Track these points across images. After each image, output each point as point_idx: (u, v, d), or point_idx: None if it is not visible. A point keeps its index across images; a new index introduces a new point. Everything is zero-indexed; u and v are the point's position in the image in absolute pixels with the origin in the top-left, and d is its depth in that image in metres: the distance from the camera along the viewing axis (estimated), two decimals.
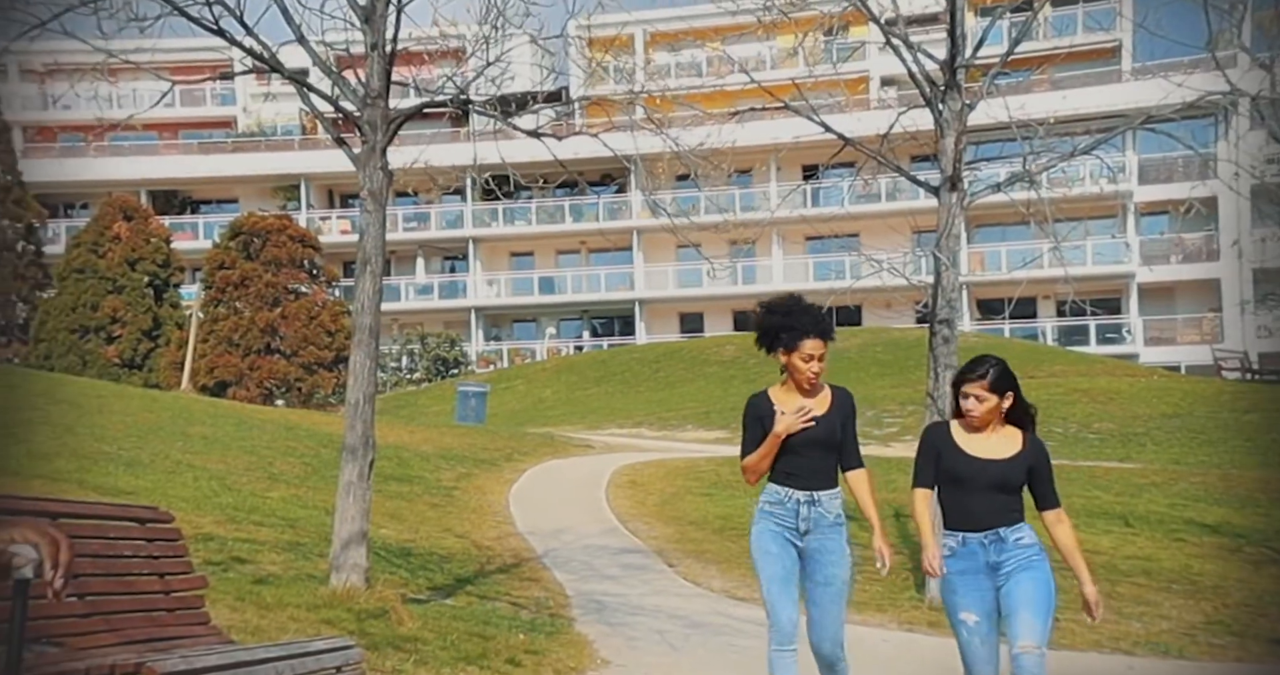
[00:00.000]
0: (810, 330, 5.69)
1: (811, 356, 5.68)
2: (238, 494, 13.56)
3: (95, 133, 49.02)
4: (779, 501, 5.75)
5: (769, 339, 5.82)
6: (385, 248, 9.65)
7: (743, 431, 5.90)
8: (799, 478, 5.71)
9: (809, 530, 5.71)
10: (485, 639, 8.36)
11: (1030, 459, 5.59)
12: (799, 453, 5.69)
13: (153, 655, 4.28)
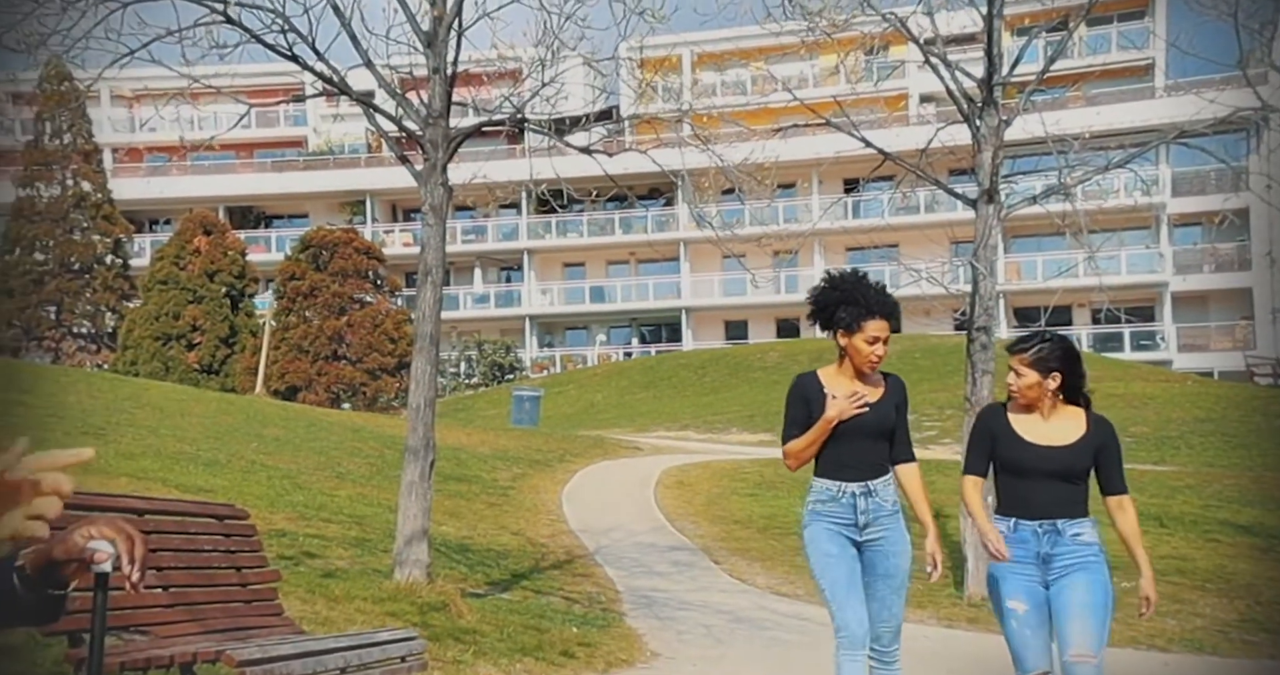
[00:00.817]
0: (875, 309, 5.06)
1: (876, 338, 5.04)
2: (308, 492, 13.64)
3: (178, 153, 49.64)
4: (832, 498, 5.13)
5: (827, 316, 5.19)
6: (445, 259, 9.70)
7: (785, 411, 5.23)
8: (851, 469, 5.11)
9: (868, 523, 5.12)
10: (540, 632, 8.39)
11: (1096, 441, 4.93)
12: (851, 441, 5.07)
13: (231, 644, 4.33)
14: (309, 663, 4.41)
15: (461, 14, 9.28)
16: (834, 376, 5.19)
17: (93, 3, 8.73)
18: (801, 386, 5.21)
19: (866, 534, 5.13)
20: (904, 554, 5.20)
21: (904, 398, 5.28)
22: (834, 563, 5.08)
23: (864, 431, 5.10)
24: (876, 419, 5.12)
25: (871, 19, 11.52)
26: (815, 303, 5.26)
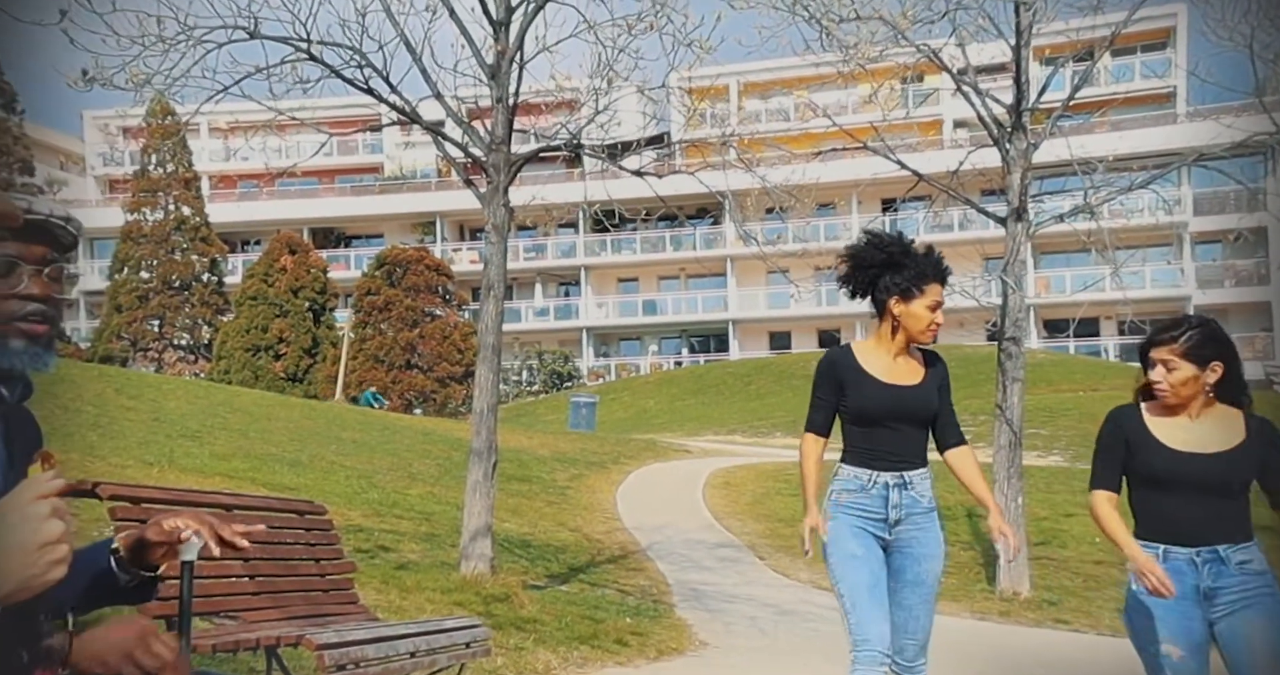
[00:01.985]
0: (932, 273, 4.24)
1: (937, 304, 4.22)
2: (382, 491, 13.70)
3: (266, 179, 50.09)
4: (860, 488, 4.26)
5: (867, 280, 4.30)
6: (507, 275, 9.73)
7: (812, 391, 4.41)
8: (886, 457, 4.25)
9: (899, 520, 4.26)
10: (596, 622, 8.38)
11: (1260, 449, 3.70)
12: (887, 427, 4.25)
13: (312, 629, 4.36)
14: (381, 647, 4.43)
15: (523, 48, 9.33)
16: (871, 351, 4.34)
17: (191, 44, 8.86)
18: (832, 363, 4.36)
19: (897, 533, 4.30)
20: (937, 558, 4.35)
21: (947, 378, 4.47)
22: (857, 565, 4.21)
23: (903, 416, 4.28)
24: (918, 402, 4.31)
25: (906, 51, 11.46)
26: (856, 262, 4.32)
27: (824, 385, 4.37)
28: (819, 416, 4.38)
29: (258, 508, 5.26)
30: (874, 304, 4.33)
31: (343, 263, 52.43)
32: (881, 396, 4.26)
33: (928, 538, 4.35)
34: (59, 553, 1.52)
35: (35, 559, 1.50)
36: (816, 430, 4.40)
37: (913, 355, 4.39)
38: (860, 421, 4.31)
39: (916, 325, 4.25)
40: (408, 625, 5.01)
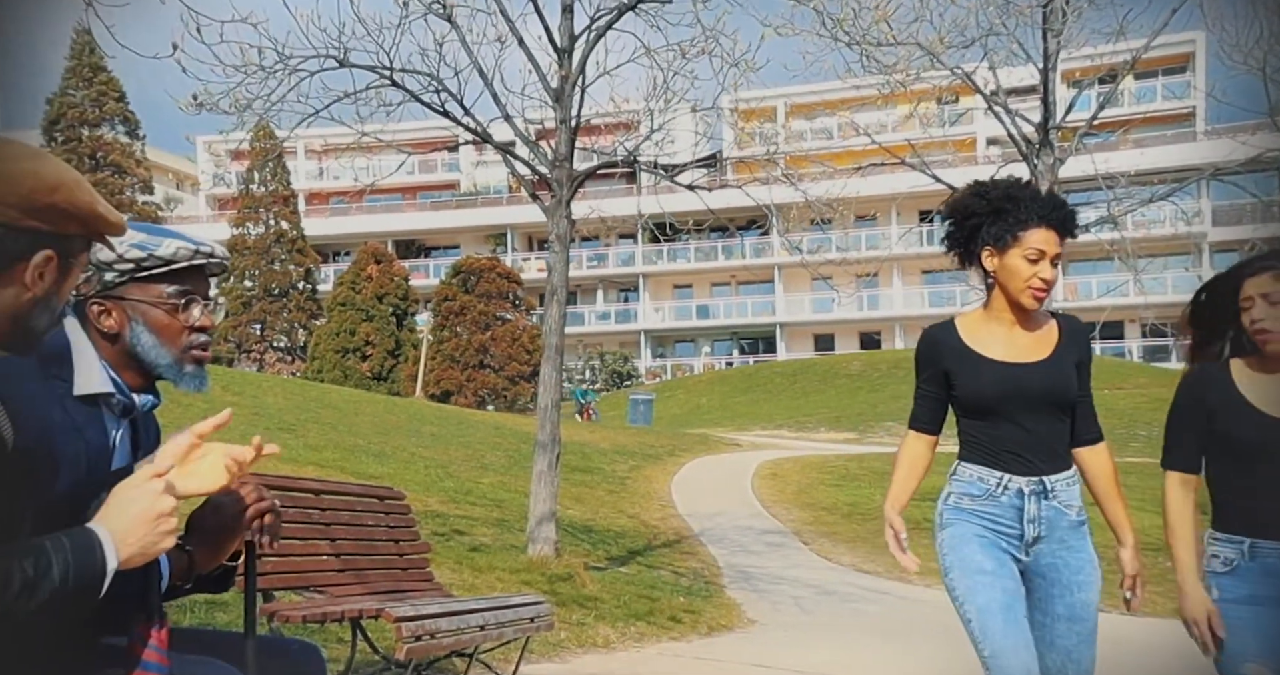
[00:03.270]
0: (1036, 216, 3.01)
1: (1041, 255, 3.00)
2: (457, 480, 13.77)
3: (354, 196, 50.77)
4: (986, 494, 3.07)
5: (965, 235, 3.14)
6: (570, 282, 9.76)
7: (916, 378, 3.23)
8: (1020, 456, 3.05)
9: (1039, 537, 3.05)
10: (652, 600, 8.38)
11: None
12: (1016, 417, 3.05)
13: (391, 603, 4.39)
14: (454, 620, 4.45)
15: (585, 73, 9.35)
16: (978, 324, 3.16)
17: (287, 72, 8.98)
18: (932, 346, 3.17)
19: (1036, 553, 3.08)
20: (1092, 585, 3.09)
21: (1088, 350, 3.20)
22: (989, 582, 3.00)
23: (1034, 401, 3.06)
24: (1051, 381, 3.07)
25: (941, 74, 11.38)
26: (956, 216, 3.18)
27: (926, 372, 3.19)
28: (922, 410, 3.23)
29: (344, 493, 5.31)
30: (977, 267, 3.17)
31: (423, 272, 52.85)
32: (998, 380, 3.04)
33: (1078, 560, 3.07)
34: (170, 524, 1.64)
35: (152, 528, 1.62)
36: (919, 426, 3.25)
37: (1037, 322, 3.13)
38: (977, 413, 3.11)
39: (1014, 282, 3.04)
40: (478, 601, 5.03)
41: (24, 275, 1.58)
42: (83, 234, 1.65)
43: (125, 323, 2.05)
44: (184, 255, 2.07)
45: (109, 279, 2.04)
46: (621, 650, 6.96)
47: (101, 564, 1.56)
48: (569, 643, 6.80)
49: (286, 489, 4.84)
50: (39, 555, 1.50)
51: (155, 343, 2.06)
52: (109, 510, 1.61)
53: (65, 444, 1.95)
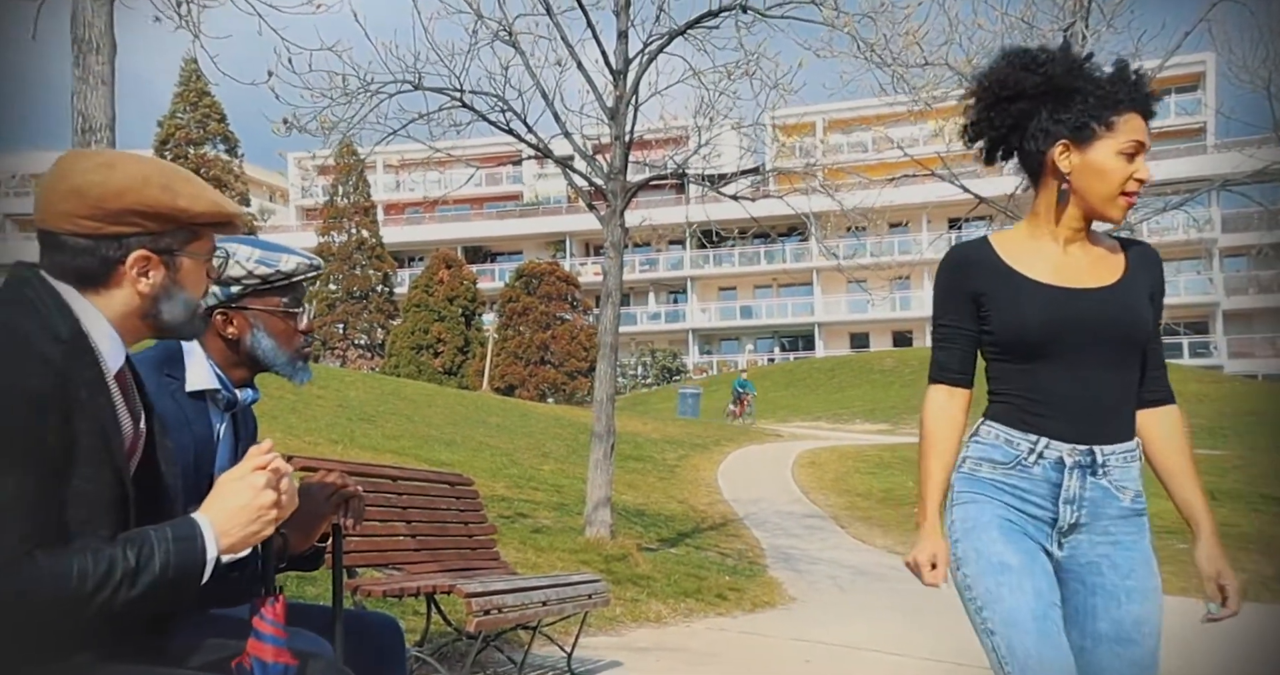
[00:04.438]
0: (1128, 98, 2.12)
1: (1139, 148, 2.12)
2: (521, 467, 13.83)
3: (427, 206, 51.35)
4: (1014, 462, 2.14)
5: (1010, 122, 2.17)
6: (623, 284, 9.77)
7: (935, 315, 2.29)
8: (1063, 413, 2.12)
9: (1077, 525, 2.14)
10: (700, 579, 8.37)
11: None
12: (1062, 362, 2.11)
13: (461, 580, 4.42)
14: (519, 596, 4.47)
15: (638, 93, 9.36)
16: (1021, 242, 2.20)
17: (368, 96, 9.09)
18: (961, 264, 2.21)
19: (1071, 546, 2.15)
20: (1150, 597, 2.14)
21: (1161, 282, 2.23)
22: (1015, 583, 2.06)
23: (1093, 339, 2.10)
24: (1118, 312, 2.11)
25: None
26: (992, 96, 2.16)
27: (951, 302, 2.22)
28: (948, 354, 2.22)
29: (419, 479, 5.35)
30: (1023, 165, 2.21)
31: (489, 275, 53.11)
32: (1046, 307, 2.09)
33: (1130, 560, 2.12)
34: (272, 515, 1.62)
35: (254, 517, 1.60)
36: (948, 376, 2.22)
37: (1098, 241, 2.21)
38: (1014, 354, 2.13)
39: (1102, 186, 2.10)
40: (540, 578, 5.05)
41: (126, 278, 1.59)
42: (177, 227, 1.61)
43: (246, 329, 2.16)
44: (301, 270, 2.20)
45: (234, 292, 2.14)
46: (672, 624, 6.96)
47: (202, 554, 1.53)
48: (624, 617, 6.82)
49: (368, 475, 4.89)
50: (143, 544, 1.48)
51: (274, 346, 2.17)
52: (213, 501, 1.59)
53: (176, 434, 2.01)
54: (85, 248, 1.56)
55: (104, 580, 1.42)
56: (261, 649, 1.69)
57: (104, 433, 1.50)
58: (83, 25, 5.28)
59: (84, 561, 1.42)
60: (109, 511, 1.51)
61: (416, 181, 45.75)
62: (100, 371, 1.53)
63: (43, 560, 1.39)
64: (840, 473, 17.31)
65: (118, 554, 1.45)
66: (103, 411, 1.51)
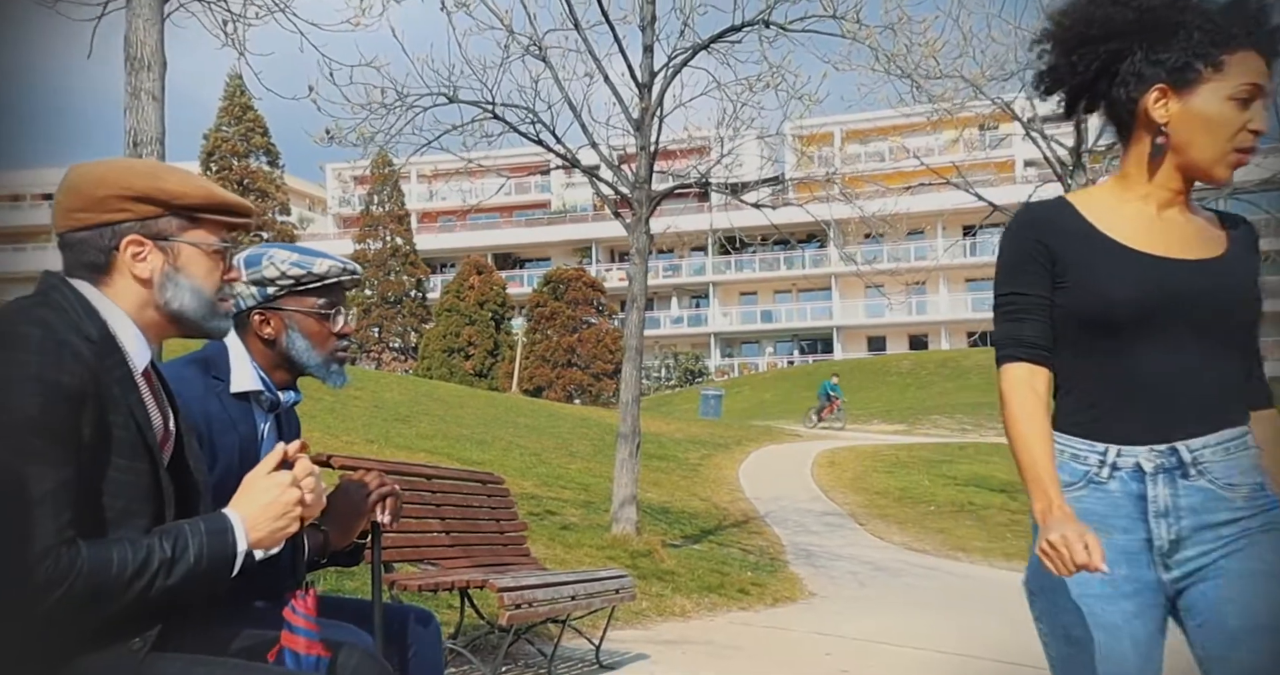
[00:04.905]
0: (1243, 31, 1.64)
1: (1255, 93, 1.65)
2: (549, 466, 13.81)
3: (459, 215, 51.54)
4: (1082, 479, 1.69)
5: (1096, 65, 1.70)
6: (647, 290, 9.77)
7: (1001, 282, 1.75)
8: (1145, 406, 1.66)
9: (1180, 541, 1.64)
10: (723, 574, 8.35)
11: None
12: (1159, 345, 1.65)
13: (494, 575, 4.43)
14: (549, 591, 4.48)
15: (663, 105, 9.36)
16: (1107, 202, 1.77)
17: (404, 109, 9.15)
18: (1037, 223, 1.76)
19: (1182, 568, 1.66)
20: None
21: (1259, 262, 1.77)
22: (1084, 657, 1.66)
23: (1196, 318, 1.67)
24: (1223, 289, 1.69)
25: (983, 103, 11.25)
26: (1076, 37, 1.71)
27: (1023, 267, 1.74)
28: (1026, 326, 1.73)
29: (452, 478, 5.36)
30: (1109, 116, 1.79)
31: (518, 281, 53.22)
32: (1143, 278, 1.68)
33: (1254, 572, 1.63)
34: (296, 513, 1.64)
35: (280, 513, 1.62)
36: (1026, 352, 1.73)
37: (1195, 210, 1.80)
38: (1092, 333, 1.70)
39: (1211, 139, 1.69)
40: (569, 574, 5.06)
41: (124, 263, 1.60)
42: (168, 213, 1.63)
43: (282, 330, 2.16)
44: (334, 272, 2.18)
45: (270, 293, 2.14)
46: (696, 618, 6.95)
47: (233, 547, 1.55)
48: (650, 611, 6.81)
49: (404, 474, 4.91)
50: (178, 536, 1.51)
51: (308, 347, 2.16)
52: (241, 497, 1.62)
53: (221, 435, 2.04)
54: (84, 239, 1.59)
55: (141, 568, 1.45)
56: (294, 641, 1.70)
57: (137, 426, 1.53)
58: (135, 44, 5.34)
59: (123, 550, 1.44)
60: (146, 502, 1.54)
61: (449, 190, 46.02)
62: (129, 369, 1.56)
63: (84, 548, 1.41)
64: (858, 472, 17.22)
65: (154, 544, 1.48)
66: (134, 406, 1.54)
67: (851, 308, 51.33)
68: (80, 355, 1.46)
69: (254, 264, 2.13)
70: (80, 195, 1.59)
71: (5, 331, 1.44)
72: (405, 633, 2.24)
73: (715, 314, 54.22)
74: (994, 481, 15.74)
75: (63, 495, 1.41)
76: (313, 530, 2.05)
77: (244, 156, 46.57)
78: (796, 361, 52.59)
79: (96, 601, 1.41)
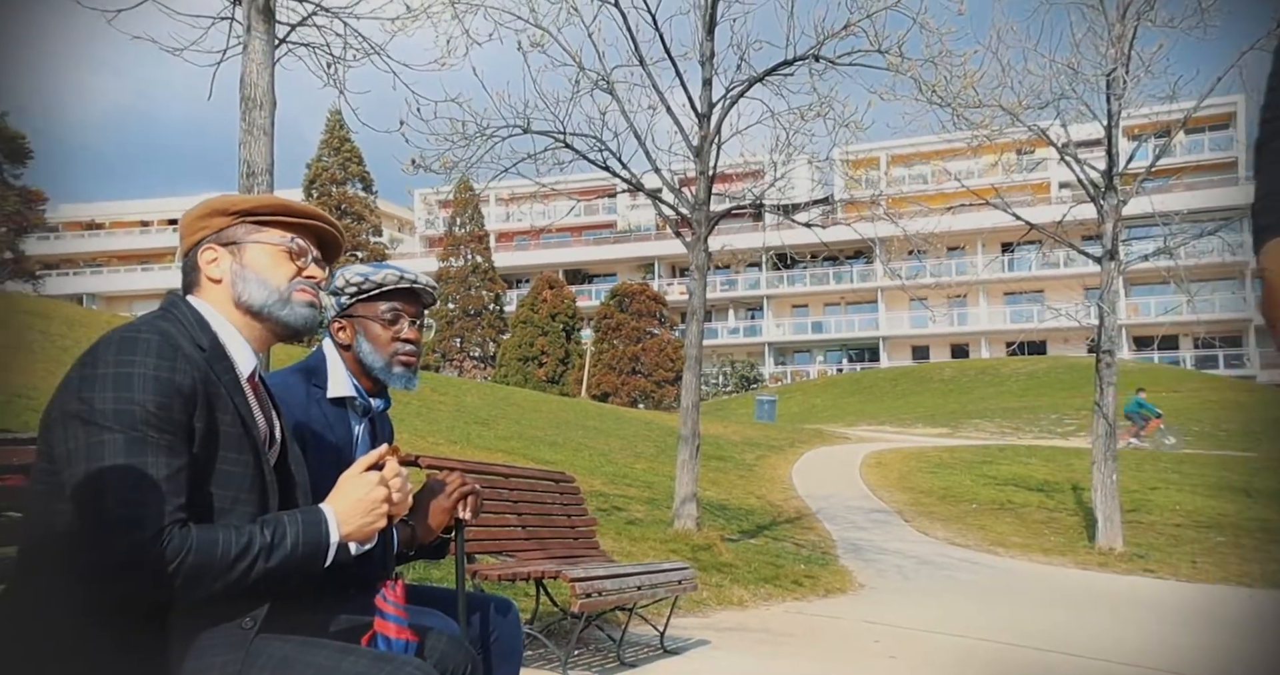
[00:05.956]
0: None
1: None
2: (616, 465, 13.83)
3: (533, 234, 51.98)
4: None
5: None
6: (706, 303, 9.74)
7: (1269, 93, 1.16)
8: None
9: None
10: (777, 567, 8.27)
11: None
12: None
13: (566, 566, 4.43)
14: (616, 581, 4.47)
15: (720, 133, 9.34)
16: None
17: (484, 139, 9.24)
18: None
19: None
20: None
21: None
22: None
23: None
24: None
25: (1020, 129, 11.10)
26: None
27: None
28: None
29: (527, 476, 5.38)
30: None
31: (586, 295, 53.48)
32: None
33: None
34: (384, 510, 1.66)
35: (368, 509, 1.64)
36: None
37: None
38: None
39: None
40: (635, 566, 5.04)
41: (203, 271, 1.69)
42: (237, 222, 1.70)
43: (354, 335, 2.18)
44: (391, 279, 2.19)
45: (344, 302, 2.18)
46: (753, 607, 6.89)
47: (326, 537, 1.58)
48: (710, 601, 6.77)
49: (483, 473, 4.94)
50: (277, 525, 1.53)
51: (371, 349, 2.17)
52: (335, 494, 1.64)
53: (320, 437, 2.07)
54: (187, 260, 1.71)
55: (244, 551, 1.48)
56: (385, 627, 1.71)
57: (243, 424, 1.57)
58: (249, 86, 5.48)
59: (228, 534, 1.48)
60: (252, 493, 1.57)
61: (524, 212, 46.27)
62: (236, 375, 1.61)
63: (193, 529, 1.45)
64: (904, 472, 16.95)
65: (256, 530, 1.51)
66: (241, 407, 1.58)
67: (896, 319, 50.66)
68: (193, 360, 1.52)
69: (332, 279, 2.19)
70: (182, 226, 1.72)
71: (130, 338, 1.50)
72: (487, 619, 2.25)
73: (769, 325, 53.89)
74: (1032, 481, 15.45)
75: (176, 481, 1.45)
76: (401, 525, 2.07)
77: (341, 183, 47.47)
78: (845, 369, 52.05)
79: (203, 578, 1.44)
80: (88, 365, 1.48)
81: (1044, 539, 11.28)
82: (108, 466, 1.42)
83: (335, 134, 46.71)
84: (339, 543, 1.60)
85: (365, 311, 2.18)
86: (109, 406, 1.44)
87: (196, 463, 1.50)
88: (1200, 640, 6.25)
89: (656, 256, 54.78)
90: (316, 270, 1.74)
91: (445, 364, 46.38)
